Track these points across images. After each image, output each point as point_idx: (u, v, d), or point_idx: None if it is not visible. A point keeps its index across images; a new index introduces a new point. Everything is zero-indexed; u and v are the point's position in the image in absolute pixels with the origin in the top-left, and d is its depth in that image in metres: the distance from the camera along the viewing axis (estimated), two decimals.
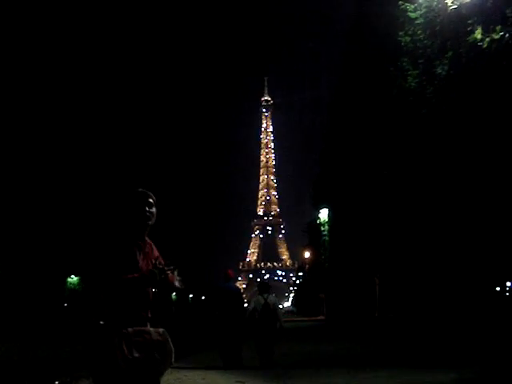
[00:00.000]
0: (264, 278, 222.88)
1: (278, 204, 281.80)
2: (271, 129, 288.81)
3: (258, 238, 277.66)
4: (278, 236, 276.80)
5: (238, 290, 10.58)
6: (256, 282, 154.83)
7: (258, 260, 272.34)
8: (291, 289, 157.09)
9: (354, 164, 23.10)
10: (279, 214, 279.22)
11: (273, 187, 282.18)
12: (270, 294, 10.11)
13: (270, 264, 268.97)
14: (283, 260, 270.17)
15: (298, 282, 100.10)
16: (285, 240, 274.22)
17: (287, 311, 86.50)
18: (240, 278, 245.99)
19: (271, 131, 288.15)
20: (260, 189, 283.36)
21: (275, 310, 9.88)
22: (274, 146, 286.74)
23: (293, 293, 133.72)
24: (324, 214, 37.01)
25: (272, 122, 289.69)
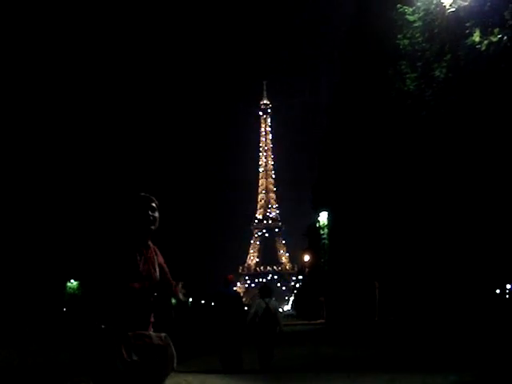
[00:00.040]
0: (263, 280, 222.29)
1: (278, 208, 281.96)
2: (270, 132, 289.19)
3: (257, 242, 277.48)
4: (277, 240, 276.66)
5: (238, 295, 10.69)
6: (256, 286, 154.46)
7: (257, 264, 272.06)
8: (291, 292, 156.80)
9: (354, 167, 23.12)
10: (279, 217, 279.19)
11: (272, 191, 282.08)
12: (271, 298, 10.16)
13: (270, 268, 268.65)
14: (283, 264, 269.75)
15: (297, 286, 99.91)
16: (284, 244, 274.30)
17: (287, 315, 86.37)
18: (239, 284, 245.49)
19: (270, 135, 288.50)
20: (259, 192, 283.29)
21: (275, 314, 9.93)
22: (272, 150, 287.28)
23: (292, 296, 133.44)
24: (323, 217, 37.04)
25: (271, 125, 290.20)
